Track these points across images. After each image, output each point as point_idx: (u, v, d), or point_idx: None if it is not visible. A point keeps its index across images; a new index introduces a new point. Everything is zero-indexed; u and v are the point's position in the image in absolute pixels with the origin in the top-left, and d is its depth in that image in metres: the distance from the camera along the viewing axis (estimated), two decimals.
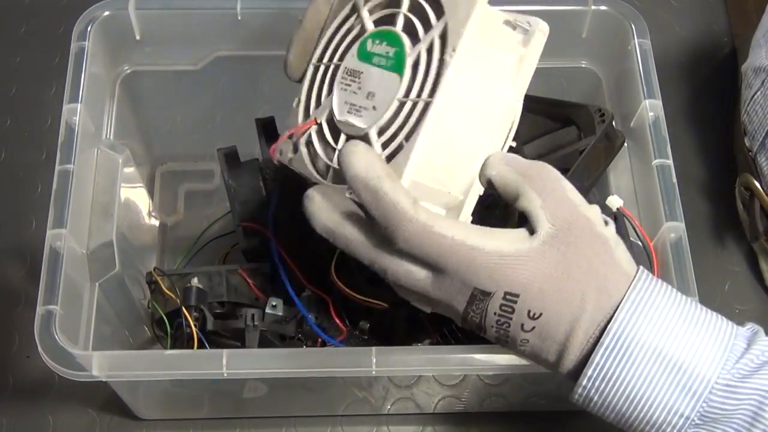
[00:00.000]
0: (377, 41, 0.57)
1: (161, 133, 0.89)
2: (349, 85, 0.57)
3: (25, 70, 0.95)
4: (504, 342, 0.54)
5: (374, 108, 0.55)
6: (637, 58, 0.72)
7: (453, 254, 0.51)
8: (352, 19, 0.60)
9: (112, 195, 0.70)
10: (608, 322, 0.51)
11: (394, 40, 0.56)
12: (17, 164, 0.90)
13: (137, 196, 0.84)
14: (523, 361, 0.59)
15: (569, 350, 0.52)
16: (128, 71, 0.79)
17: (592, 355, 0.51)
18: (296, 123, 0.61)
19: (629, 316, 0.51)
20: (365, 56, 0.57)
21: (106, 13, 0.74)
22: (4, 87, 0.94)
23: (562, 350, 0.52)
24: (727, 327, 0.52)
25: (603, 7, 0.75)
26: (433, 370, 0.67)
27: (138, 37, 0.76)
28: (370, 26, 0.58)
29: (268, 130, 0.74)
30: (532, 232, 0.52)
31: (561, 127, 0.75)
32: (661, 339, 0.51)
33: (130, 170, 0.78)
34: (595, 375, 0.51)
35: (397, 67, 0.55)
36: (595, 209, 0.54)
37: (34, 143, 0.90)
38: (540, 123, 0.76)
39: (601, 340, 0.51)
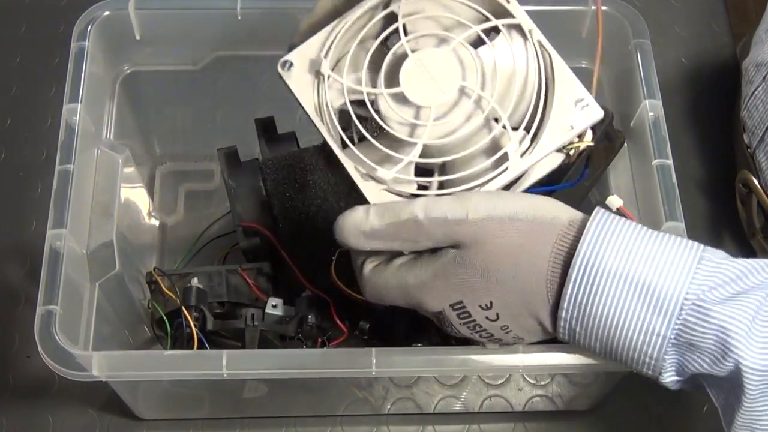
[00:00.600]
0: None
1: (161, 133, 0.89)
2: None
3: (25, 70, 0.95)
4: (497, 340, 0.57)
5: None
6: (637, 58, 0.72)
7: (394, 296, 0.56)
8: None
9: (112, 195, 0.70)
10: (565, 262, 0.53)
11: None
12: (17, 164, 0.90)
13: (137, 196, 0.84)
14: (522, 363, 0.60)
15: (541, 309, 0.54)
16: (128, 71, 0.79)
17: (563, 290, 0.53)
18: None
19: (591, 247, 0.52)
20: None
21: (106, 13, 0.74)
22: (4, 87, 0.94)
23: (536, 314, 0.55)
24: (692, 245, 0.53)
25: (603, 8, 0.75)
26: (434, 370, 0.67)
27: (138, 37, 0.76)
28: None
29: (268, 130, 0.74)
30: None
31: None
32: (626, 264, 0.52)
33: (130, 170, 0.78)
34: (570, 307, 0.53)
35: None
36: (475, 200, 0.54)
37: (34, 143, 0.90)
38: None
39: (569, 274, 0.53)
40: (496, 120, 0.57)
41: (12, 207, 0.87)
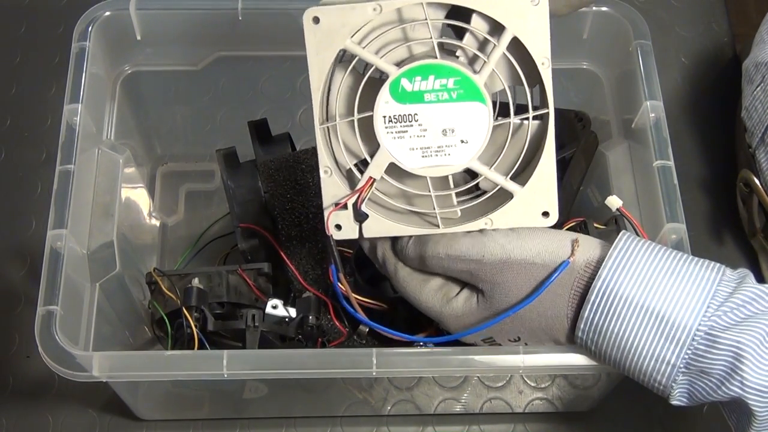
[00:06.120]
0: (417, 78, 0.54)
1: (161, 133, 0.89)
2: (405, 131, 0.55)
3: (25, 70, 0.95)
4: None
5: (464, 141, 0.54)
6: (638, 59, 0.72)
7: (425, 311, 0.61)
8: (344, 72, 0.55)
9: (112, 195, 0.70)
10: (582, 296, 0.55)
11: (444, 71, 0.54)
12: (17, 164, 0.90)
13: (138, 197, 0.84)
14: (523, 363, 0.60)
15: (560, 334, 0.57)
16: (129, 71, 0.79)
17: (581, 310, 0.55)
18: (337, 193, 0.57)
19: (611, 273, 0.54)
20: (410, 97, 0.54)
21: (107, 13, 0.74)
22: (4, 87, 0.94)
23: (556, 338, 0.58)
24: (710, 274, 0.54)
25: (604, 8, 0.75)
26: (434, 371, 0.67)
27: (138, 38, 0.76)
28: (390, 69, 0.54)
29: (261, 132, 0.74)
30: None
31: None
32: (643, 292, 0.54)
33: (130, 170, 0.78)
34: (587, 328, 0.55)
35: (473, 94, 0.54)
36: (491, 243, 0.56)
37: (34, 143, 0.90)
38: None
39: (587, 297, 0.54)
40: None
41: (12, 207, 0.87)
